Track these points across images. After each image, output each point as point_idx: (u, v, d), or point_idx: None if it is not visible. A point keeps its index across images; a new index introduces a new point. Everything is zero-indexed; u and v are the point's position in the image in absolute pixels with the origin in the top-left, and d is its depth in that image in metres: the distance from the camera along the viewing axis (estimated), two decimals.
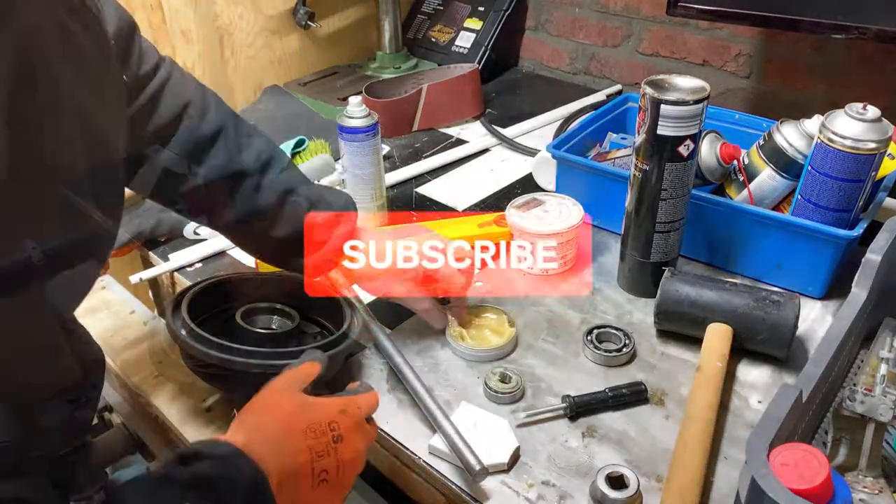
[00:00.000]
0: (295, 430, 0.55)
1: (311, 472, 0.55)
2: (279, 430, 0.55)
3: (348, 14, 1.58)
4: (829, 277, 0.85)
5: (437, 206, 1.11)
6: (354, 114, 0.95)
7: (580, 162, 0.99)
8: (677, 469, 0.63)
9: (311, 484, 0.55)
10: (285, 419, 0.56)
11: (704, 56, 1.33)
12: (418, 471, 0.70)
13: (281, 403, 0.58)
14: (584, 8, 1.48)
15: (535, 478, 0.66)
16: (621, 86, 1.46)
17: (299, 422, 0.56)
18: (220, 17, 1.35)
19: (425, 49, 1.60)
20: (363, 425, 0.60)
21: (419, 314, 0.83)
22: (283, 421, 0.56)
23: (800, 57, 1.21)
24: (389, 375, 0.78)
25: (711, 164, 0.94)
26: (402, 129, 1.34)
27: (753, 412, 0.72)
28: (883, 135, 0.77)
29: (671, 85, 0.77)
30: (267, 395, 0.59)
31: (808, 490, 0.47)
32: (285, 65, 1.50)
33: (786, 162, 0.88)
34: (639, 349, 0.80)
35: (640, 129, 0.79)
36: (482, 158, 1.25)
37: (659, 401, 0.74)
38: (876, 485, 0.63)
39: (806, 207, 0.84)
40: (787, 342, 0.75)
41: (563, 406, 0.71)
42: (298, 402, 0.58)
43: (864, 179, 0.80)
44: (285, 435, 0.55)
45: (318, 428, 0.56)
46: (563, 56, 1.57)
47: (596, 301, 0.88)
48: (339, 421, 0.57)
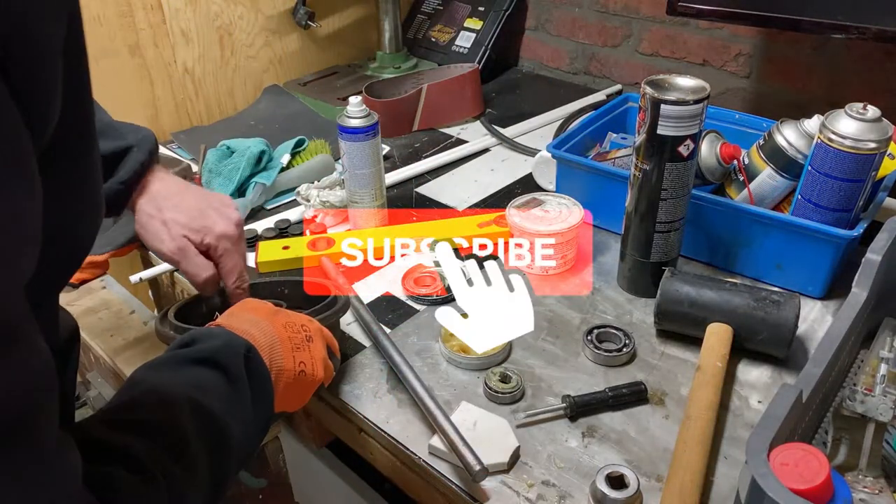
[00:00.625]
0: (275, 322, 0.61)
1: (293, 360, 0.60)
2: (262, 321, 0.60)
3: (348, 14, 1.58)
4: (829, 277, 0.85)
5: (437, 206, 1.11)
6: (354, 114, 0.95)
7: (580, 162, 0.99)
8: (677, 469, 0.63)
9: (294, 373, 0.60)
10: (265, 315, 0.62)
11: (704, 56, 1.33)
12: (418, 471, 0.70)
13: (257, 307, 0.63)
14: (584, 8, 1.48)
15: (535, 478, 0.66)
16: (621, 86, 1.46)
17: (278, 317, 0.62)
18: (220, 17, 1.35)
19: (425, 49, 1.60)
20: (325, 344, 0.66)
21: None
22: (263, 315, 0.61)
23: (800, 57, 1.21)
24: (389, 375, 0.78)
25: (711, 164, 0.94)
26: (402, 129, 1.34)
27: (753, 412, 0.72)
28: (883, 135, 0.77)
29: (671, 85, 0.77)
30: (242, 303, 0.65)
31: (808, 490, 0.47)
32: (285, 65, 1.51)
33: (786, 162, 0.88)
34: (639, 349, 0.80)
35: (640, 129, 0.79)
36: (482, 158, 1.25)
37: (659, 401, 0.74)
38: (876, 485, 0.63)
39: (806, 207, 0.84)
40: (787, 342, 0.75)
41: (563, 406, 0.71)
42: (272, 307, 0.64)
43: (864, 179, 0.80)
44: (268, 324, 0.60)
45: (294, 325, 0.62)
46: (563, 56, 1.57)
47: (596, 301, 0.88)
48: (308, 326, 0.64)
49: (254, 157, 1.10)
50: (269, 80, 1.48)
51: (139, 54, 1.27)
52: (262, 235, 1.01)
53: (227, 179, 1.09)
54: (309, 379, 0.61)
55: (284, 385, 0.59)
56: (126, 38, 1.24)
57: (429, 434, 0.70)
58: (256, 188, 1.09)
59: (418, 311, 0.88)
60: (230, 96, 1.43)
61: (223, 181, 1.09)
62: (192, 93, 1.37)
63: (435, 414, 0.69)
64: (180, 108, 1.36)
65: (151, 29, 1.27)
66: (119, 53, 1.24)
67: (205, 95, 1.39)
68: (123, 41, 1.24)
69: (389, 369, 0.78)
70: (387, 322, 0.86)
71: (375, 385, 0.77)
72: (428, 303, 0.88)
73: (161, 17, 1.27)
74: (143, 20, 1.25)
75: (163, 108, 1.34)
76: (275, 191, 1.13)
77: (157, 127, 1.34)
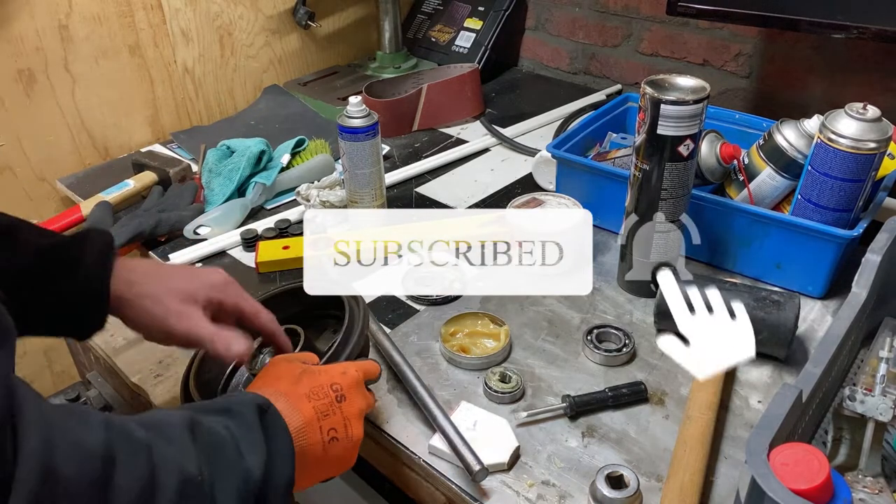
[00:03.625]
0: (299, 395, 0.57)
1: (320, 430, 0.57)
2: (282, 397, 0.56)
3: (348, 14, 1.58)
4: (829, 277, 0.85)
5: (438, 206, 1.11)
6: (354, 114, 0.95)
7: (580, 162, 0.99)
8: (677, 469, 0.63)
9: (322, 444, 0.57)
10: (288, 388, 0.57)
11: (704, 56, 1.33)
12: (418, 471, 0.70)
13: (281, 374, 0.59)
14: (584, 8, 1.48)
15: (535, 478, 0.66)
16: (621, 86, 1.46)
17: (301, 387, 0.58)
18: (220, 17, 1.35)
19: (425, 49, 1.60)
20: (363, 387, 0.62)
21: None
22: (286, 387, 0.57)
23: (800, 57, 1.21)
24: (389, 375, 0.78)
25: (711, 163, 0.94)
26: (402, 129, 1.34)
27: (753, 412, 0.72)
28: (883, 135, 0.77)
29: (671, 84, 0.77)
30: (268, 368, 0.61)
31: (808, 490, 0.47)
32: (285, 65, 1.51)
33: (786, 162, 0.88)
34: (639, 349, 0.80)
35: (640, 128, 0.79)
36: (482, 158, 1.25)
37: (659, 401, 0.74)
38: (876, 485, 0.63)
39: (806, 207, 0.84)
40: (787, 342, 0.75)
41: (563, 406, 0.71)
42: (298, 372, 0.59)
43: (864, 179, 0.80)
44: (289, 401, 0.56)
45: (321, 390, 0.58)
46: (563, 56, 1.57)
47: (596, 301, 0.88)
48: (340, 382, 0.60)
49: (254, 156, 1.11)
50: (269, 80, 1.48)
51: (139, 54, 1.27)
52: (262, 235, 1.01)
53: (227, 179, 1.09)
54: (344, 443, 0.58)
55: (313, 459, 0.56)
56: (126, 38, 1.24)
57: (429, 434, 0.70)
58: (256, 188, 1.09)
59: (418, 311, 0.88)
60: (230, 96, 1.43)
61: (223, 181, 1.09)
62: (192, 93, 1.37)
63: (435, 414, 0.69)
64: (180, 107, 1.36)
65: (151, 29, 1.27)
66: (119, 53, 1.24)
67: (205, 95, 1.39)
68: (123, 41, 1.24)
69: (389, 369, 0.78)
70: (387, 322, 0.86)
71: (375, 385, 0.77)
72: (428, 303, 0.88)
73: (161, 17, 1.27)
74: (143, 20, 1.25)
75: (163, 108, 1.34)
76: (275, 191, 1.13)
77: (157, 127, 1.34)
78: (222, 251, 1.01)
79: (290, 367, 0.60)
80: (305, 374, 0.59)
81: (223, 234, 1.03)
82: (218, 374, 0.74)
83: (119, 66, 1.25)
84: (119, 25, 1.23)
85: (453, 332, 0.82)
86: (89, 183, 1.19)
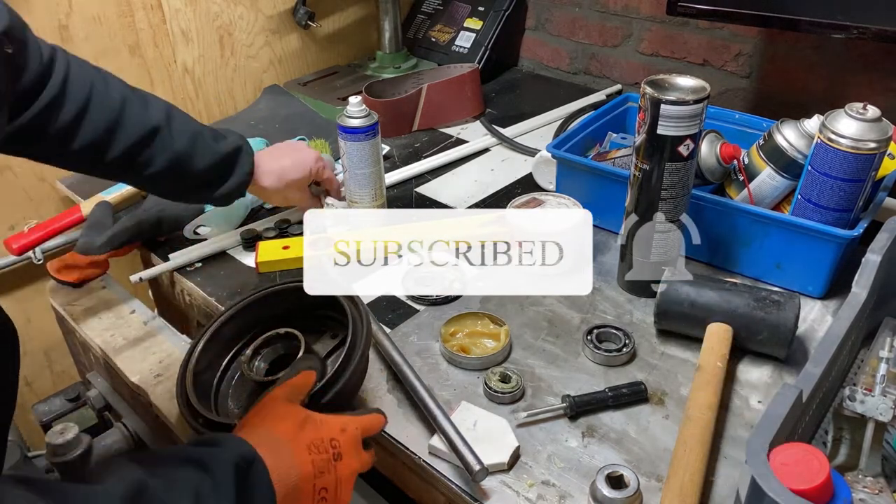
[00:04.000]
0: (301, 444, 0.55)
1: (313, 488, 0.55)
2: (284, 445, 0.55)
3: (348, 14, 1.58)
4: (829, 277, 0.85)
5: (438, 206, 1.11)
6: (354, 113, 0.95)
7: (580, 162, 0.99)
8: (677, 469, 0.63)
9: (312, 502, 0.55)
10: (291, 434, 0.56)
11: (704, 56, 1.33)
12: (418, 471, 0.70)
13: (285, 416, 0.57)
14: (584, 8, 1.48)
15: (535, 478, 0.66)
16: (621, 86, 1.46)
17: (304, 437, 0.56)
18: (220, 17, 1.35)
19: (425, 49, 1.60)
20: (360, 447, 0.60)
21: (303, 209, 1.00)
22: (288, 434, 0.56)
23: (800, 57, 1.21)
24: (389, 375, 0.78)
25: (711, 164, 0.94)
26: (402, 128, 1.34)
27: (753, 412, 0.72)
28: (883, 135, 0.77)
29: (671, 85, 0.77)
30: (270, 406, 0.58)
31: (808, 490, 0.47)
32: (285, 65, 1.51)
33: (786, 162, 0.88)
34: (639, 349, 0.80)
35: (640, 128, 0.79)
36: (482, 158, 1.25)
37: (659, 401, 0.74)
38: (876, 485, 0.63)
39: (806, 207, 0.84)
40: (787, 342, 0.75)
41: (563, 406, 0.71)
42: (301, 417, 0.57)
43: (864, 179, 0.80)
44: (291, 451, 0.55)
45: (321, 445, 0.56)
46: (563, 56, 1.57)
47: (596, 301, 0.88)
48: (339, 439, 0.58)
49: None
50: (269, 80, 1.48)
51: (139, 54, 1.27)
52: (262, 235, 1.01)
53: None
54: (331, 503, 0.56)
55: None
56: (126, 38, 1.24)
57: (429, 434, 0.70)
58: None
59: (418, 311, 0.88)
60: (230, 96, 1.43)
61: None
62: (192, 93, 1.37)
63: (435, 414, 0.69)
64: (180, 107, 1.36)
65: (151, 29, 1.27)
66: (119, 53, 1.24)
67: (205, 95, 1.39)
68: (123, 41, 1.24)
69: (389, 369, 0.78)
70: (387, 322, 0.86)
71: (375, 385, 0.77)
72: (428, 303, 0.88)
73: (161, 17, 1.27)
74: (143, 20, 1.25)
75: None
76: None
77: None
78: (222, 251, 1.01)
79: (292, 409, 0.58)
80: (309, 421, 0.57)
81: (223, 233, 1.03)
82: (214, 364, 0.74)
83: (119, 67, 1.25)
84: (119, 25, 1.23)
85: (453, 332, 0.82)
86: (89, 183, 1.18)
